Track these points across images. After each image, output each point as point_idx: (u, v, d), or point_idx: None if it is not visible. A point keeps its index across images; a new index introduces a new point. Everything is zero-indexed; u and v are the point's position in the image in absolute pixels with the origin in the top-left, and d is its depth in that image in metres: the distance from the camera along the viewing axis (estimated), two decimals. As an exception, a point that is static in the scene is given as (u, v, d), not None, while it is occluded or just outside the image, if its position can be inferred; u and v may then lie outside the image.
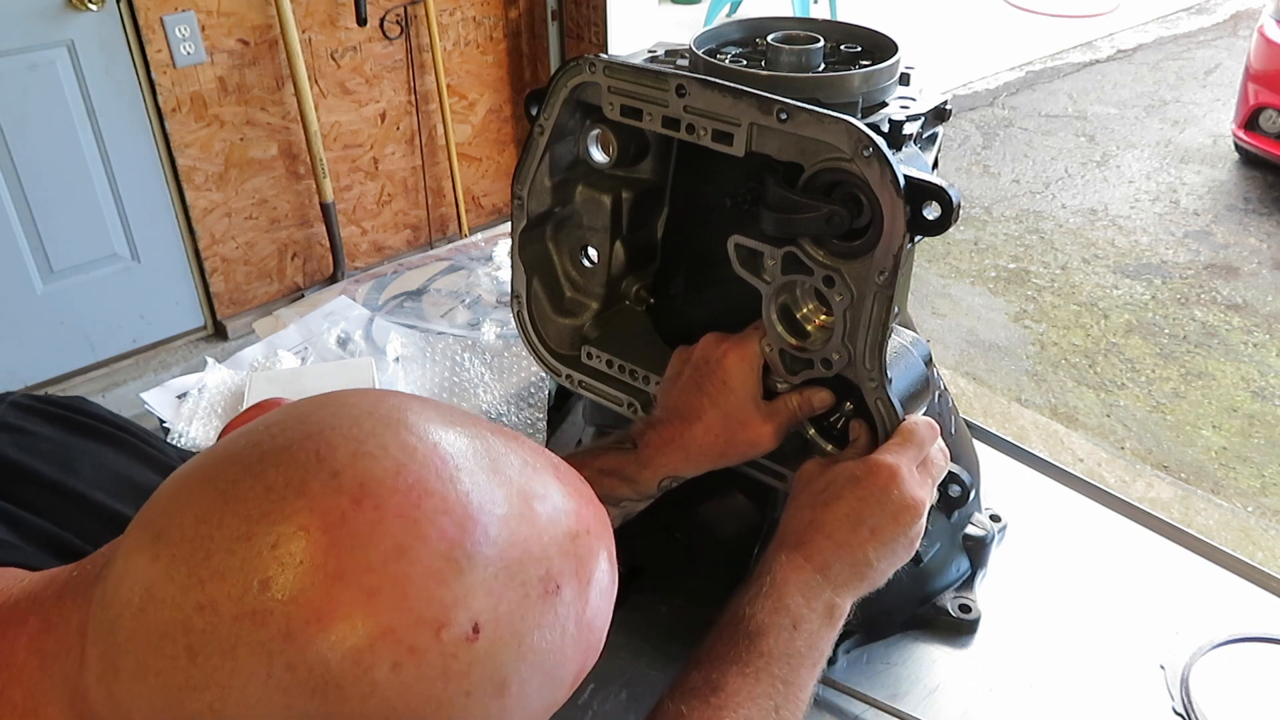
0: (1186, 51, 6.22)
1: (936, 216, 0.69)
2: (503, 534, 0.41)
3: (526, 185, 0.91)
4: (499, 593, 0.40)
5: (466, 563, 0.39)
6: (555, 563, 0.42)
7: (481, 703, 0.39)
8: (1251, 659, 0.94)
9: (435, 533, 0.39)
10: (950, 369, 3.23)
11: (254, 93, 2.83)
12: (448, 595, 0.38)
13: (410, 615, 0.37)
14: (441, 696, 0.38)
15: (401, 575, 0.38)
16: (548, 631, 0.42)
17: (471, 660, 0.39)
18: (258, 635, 0.37)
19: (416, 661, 0.37)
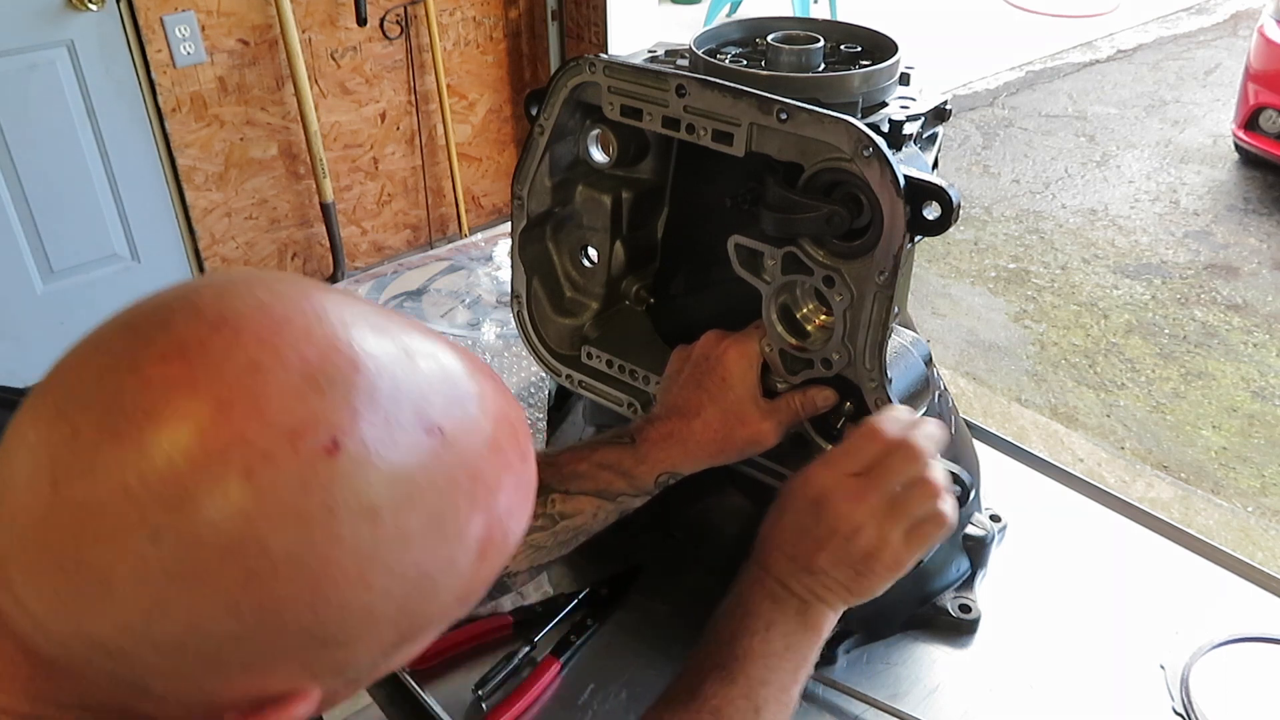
0: (1186, 51, 6.22)
1: (936, 216, 0.69)
2: (372, 369, 0.41)
3: (526, 185, 0.91)
4: (364, 416, 0.39)
5: (327, 385, 0.39)
6: (436, 408, 0.42)
7: (350, 524, 0.39)
8: (1251, 659, 0.94)
9: (295, 356, 0.39)
10: (950, 369, 3.23)
11: (254, 93, 2.83)
12: (304, 410, 0.38)
13: (263, 424, 0.38)
14: (301, 508, 0.38)
15: (256, 389, 0.38)
16: (430, 473, 0.41)
17: (332, 476, 0.38)
18: (113, 451, 0.37)
19: (270, 470, 0.37)
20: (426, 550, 0.42)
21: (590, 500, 0.81)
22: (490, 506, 0.45)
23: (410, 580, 0.42)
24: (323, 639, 0.41)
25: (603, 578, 1.00)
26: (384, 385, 0.41)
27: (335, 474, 0.39)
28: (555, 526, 0.80)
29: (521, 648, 0.92)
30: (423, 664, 0.92)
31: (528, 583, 0.84)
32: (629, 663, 0.92)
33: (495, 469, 0.45)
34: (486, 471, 0.44)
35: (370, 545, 0.40)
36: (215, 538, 0.37)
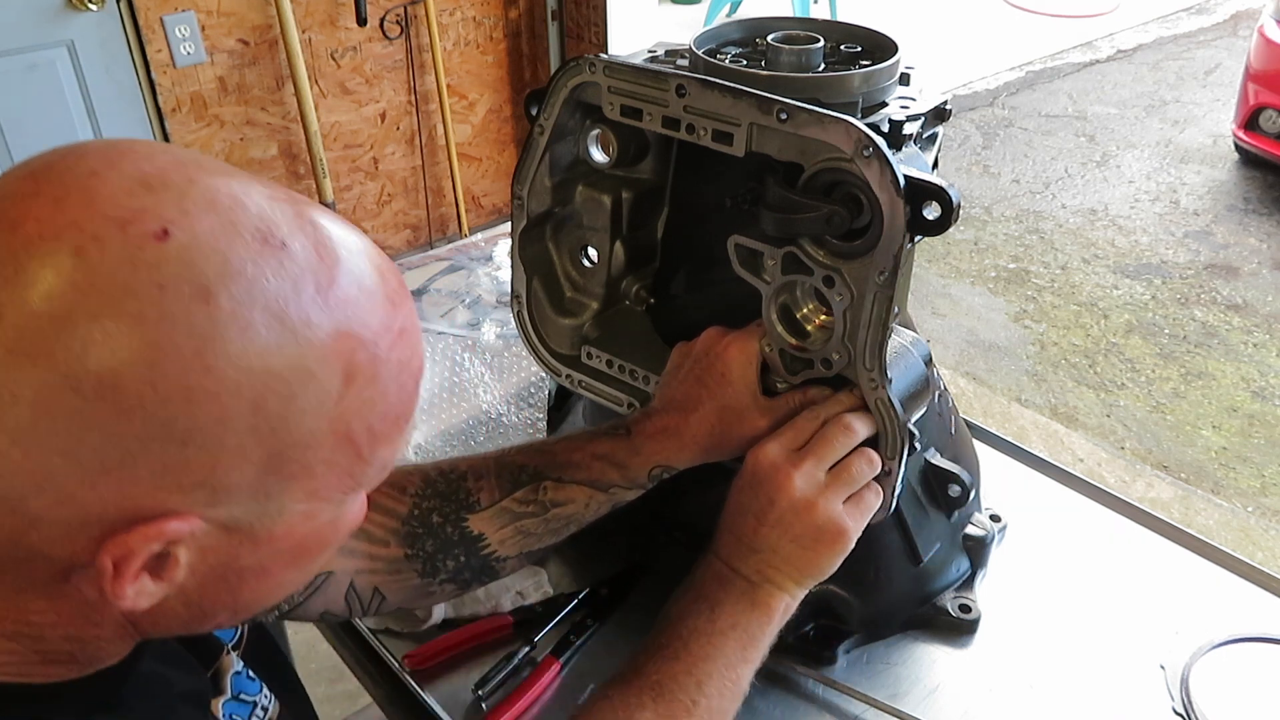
0: (1186, 51, 6.22)
1: (936, 216, 0.69)
2: (212, 184, 0.44)
3: (526, 185, 0.91)
4: (197, 214, 0.42)
5: (161, 187, 0.42)
6: (280, 224, 0.44)
7: (181, 303, 0.41)
8: (1251, 659, 0.94)
9: (133, 169, 0.43)
10: (950, 369, 3.23)
11: (254, 93, 2.83)
12: (136, 204, 0.42)
13: (94, 213, 0.41)
14: (130, 284, 0.40)
15: (90, 188, 0.42)
16: (269, 272, 0.43)
17: (161, 257, 0.41)
18: None
19: (99, 248, 0.40)
20: (270, 345, 0.43)
21: (583, 490, 0.81)
22: (347, 322, 0.45)
23: (257, 376, 0.43)
24: (175, 432, 0.42)
25: (603, 578, 1.00)
26: (223, 199, 0.44)
27: (164, 255, 0.41)
28: (546, 514, 0.81)
29: (521, 648, 0.92)
30: (423, 664, 0.92)
31: (518, 569, 0.84)
32: (629, 663, 0.92)
33: (353, 289, 0.46)
34: (342, 287, 0.45)
35: (205, 325, 0.41)
36: (48, 308, 0.39)
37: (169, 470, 0.42)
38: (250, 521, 0.46)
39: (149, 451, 0.42)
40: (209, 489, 0.44)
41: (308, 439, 0.45)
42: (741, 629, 0.73)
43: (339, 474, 0.48)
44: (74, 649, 0.50)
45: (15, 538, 0.43)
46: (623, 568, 1.01)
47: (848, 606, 0.94)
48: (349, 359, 0.45)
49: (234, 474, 0.44)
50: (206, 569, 0.47)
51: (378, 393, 0.47)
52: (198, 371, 0.41)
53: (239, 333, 0.42)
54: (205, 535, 0.45)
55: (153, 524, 0.43)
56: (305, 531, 0.49)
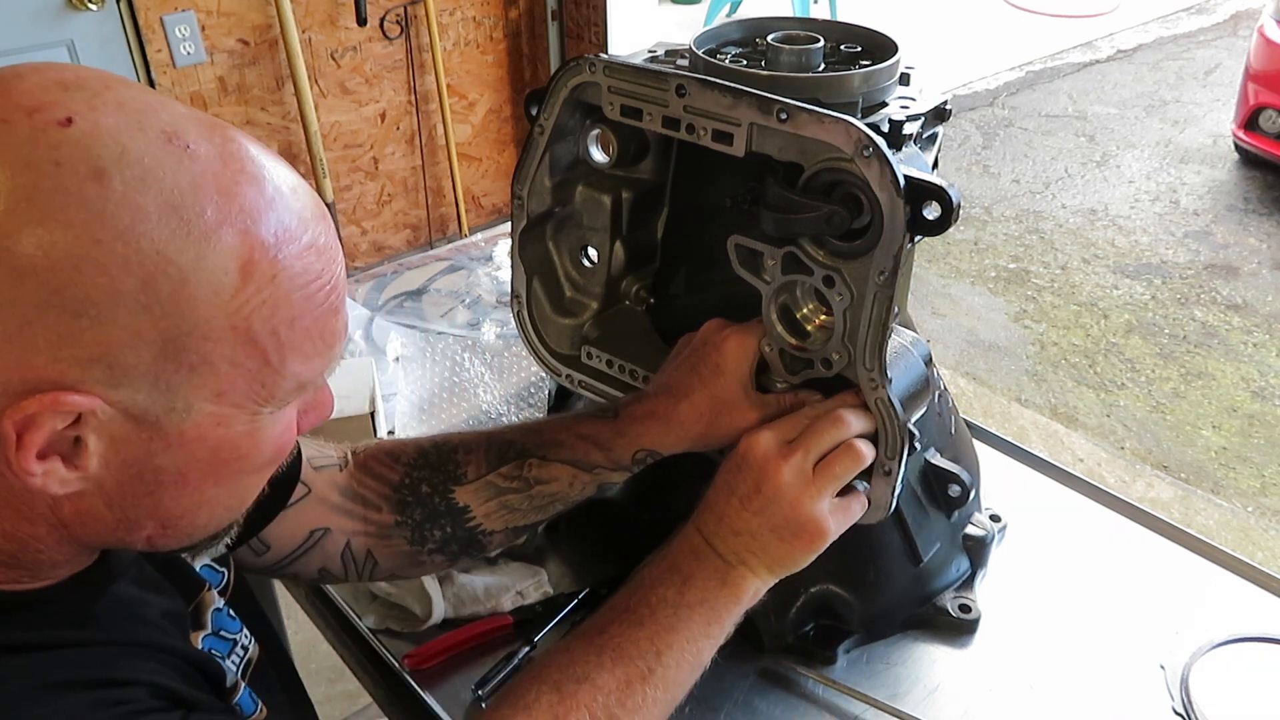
0: (1186, 51, 6.22)
1: (936, 216, 0.69)
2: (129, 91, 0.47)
3: (526, 185, 0.91)
4: (104, 111, 0.46)
5: (76, 87, 0.46)
6: (190, 131, 0.48)
7: (75, 179, 0.44)
8: (1251, 659, 0.94)
9: (54, 74, 0.46)
10: (950, 369, 3.23)
11: (254, 93, 2.83)
12: (47, 96, 0.45)
13: (7, 103, 0.45)
14: (29, 158, 0.44)
15: (11, 86, 0.45)
16: (170, 172, 0.46)
17: (62, 139, 0.44)
18: None
19: (6, 130, 0.44)
20: (163, 232, 0.45)
21: (567, 469, 0.82)
22: (244, 222, 0.48)
23: (147, 256, 0.45)
24: (65, 301, 0.44)
25: (603, 578, 1.00)
26: (135, 104, 0.47)
27: (64, 138, 0.44)
28: (530, 490, 0.82)
29: (521, 648, 0.92)
30: (423, 664, 0.92)
31: (505, 544, 0.85)
32: (629, 663, 0.92)
33: (256, 197, 0.49)
34: (245, 193, 0.48)
35: (97, 202, 0.44)
36: None
37: (64, 341, 0.44)
38: (156, 414, 0.48)
39: (44, 319, 0.44)
40: (106, 365, 0.46)
41: (204, 329, 0.47)
42: (709, 606, 0.74)
43: (247, 378, 0.50)
44: (15, 549, 0.52)
45: None
46: (623, 568, 1.01)
47: (848, 606, 0.94)
48: (246, 257, 0.48)
49: (129, 353, 0.46)
50: (120, 462, 0.49)
51: (280, 295, 0.49)
52: (87, 243, 0.44)
53: (130, 214, 0.45)
54: (112, 422, 0.47)
55: (53, 393, 0.45)
56: (218, 438, 0.51)
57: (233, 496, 0.57)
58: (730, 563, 0.75)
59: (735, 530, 0.75)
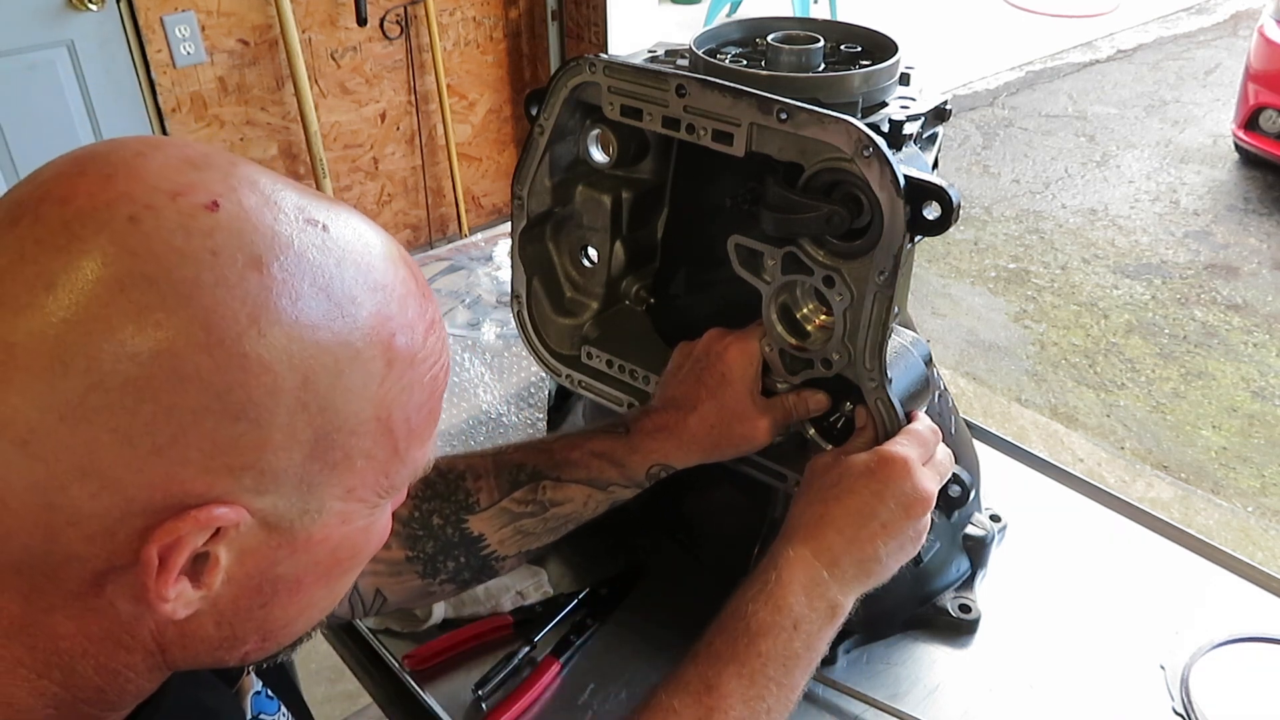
0: (1186, 51, 6.22)
1: (936, 216, 0.69)
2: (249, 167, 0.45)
3: (526, 185, 0.91)
4: (242, 190, 0.43)
5: (206, 166, 0.43)
6: (318, 208, 0.45)
7: (235, 270, 0.41)
8: (1251, 659, 0.94)
9: (175, 151, 0.44)
10: (950, 369, 3.23)
11: (254, 93, 2.83)
12: (183, 178, 0.42)
13: (145, 186, 0.41)
14: (185, 248, 0.40)
15: (138, 166, 0.42)
16: (317, 254, 0.43)
17: (213, 225, 0.41)
18: (12, 233, 0.40)
19: (153, 216, 0.40)
20: (319, 318, 0.43)
21: (581, 489, 0.81)
22: (387, 305, 0.45)
23: (308, 348, 0.42)
24: (228, 405, 0.40)
25: (603, 578, 1.00)
26: (263, 181, 0.44)
27: (216, 224, 0.41)
28: (545, 513, 0.80)
29: (521, 648, 0.92)
30: (423, 664, 0.92)
31: (517, 566, 0.84)
32: (629, 663, 0.92)
33: (390, 276, 0.46)
34: (379, 270, 0.46)
35: (259, 292, 0.41)
36: (103, 276, 0.39)
37: (220, 449, 0.41)
38: (292, 519, 0.45)
39: (201, 426, 0.40)
40: (257, 472, 0.42)
41: (353, 423, 0.45)
42: (814, 650, 0.71)
43: (376, 471, 0.47)
44: (104, 682, 0.47)
45: (50, 537, 0.41)
46: (623, 568, 1.01)
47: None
48: (389, 342, 0.45)
49: (282, 456, 0.43)
50: (243, 575, 0.45)
51: (415, 380, 0.47)
52: (252, 338, 0.41)
53: (290, 302, 0.42)
54: (247, 533, 0.44)
55: (203, 509, 0.41)
56: (340, 537, 0.48)
57: (333, 596, 0.53)
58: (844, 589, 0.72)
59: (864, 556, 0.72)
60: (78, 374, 0.38)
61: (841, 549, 0.72)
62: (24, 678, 0.45)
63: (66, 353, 0.38)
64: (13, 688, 0.45)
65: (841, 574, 0.72)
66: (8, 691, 0.44)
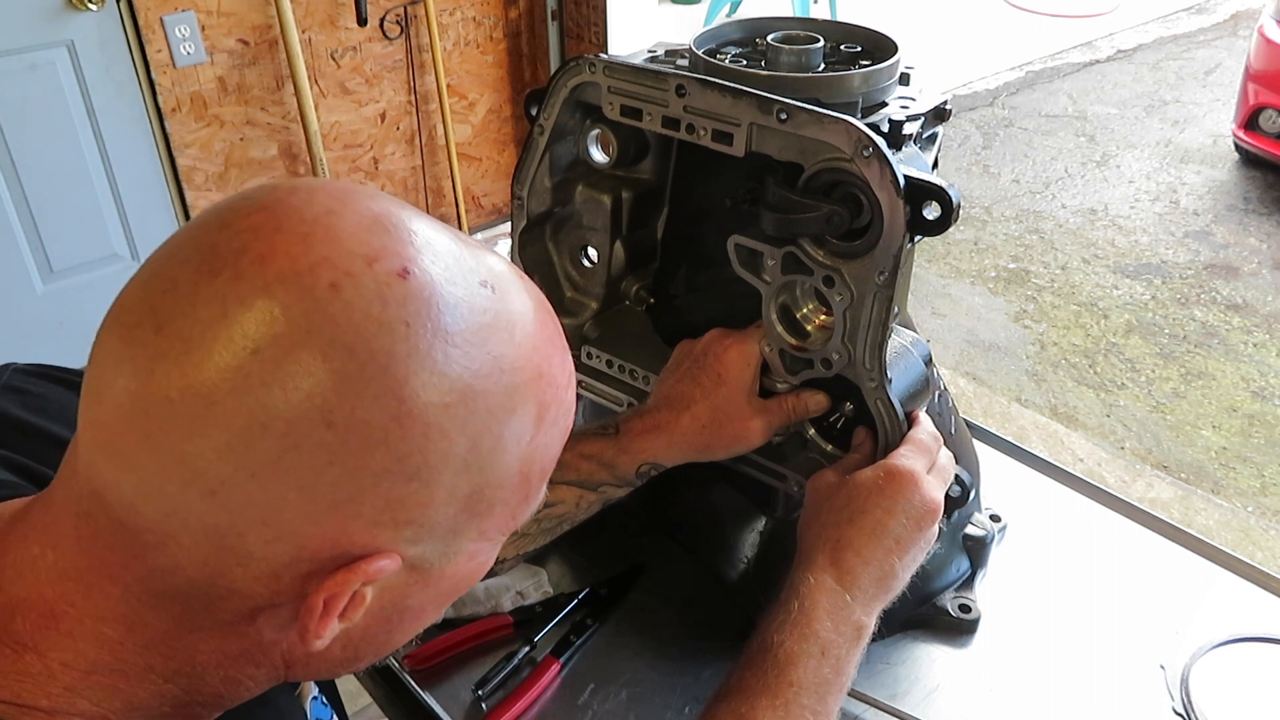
0: (1186, 51, 6.22)
1: (936, 216, 0.69)
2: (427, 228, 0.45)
3: (526, 185, 0.91)
4: (428, 255, 0.43)
5: (393, 225, 0.44)
6: (490, 271, 0.46)
7: (425, 337, 0.42)
8: (1251, 659, 0.94)
9: (363, 206, 0.44)
10: (950, 369, 3.23)
11: (254, 93, 2.83)
12: (376, 241, 0.43)
13: (342, 250, 0.42)
14: (382, 318, 0.41)
15: (333, 226, 0.42)
16: (488, 316, 0.44)
17: (406, 294, 0.42)
18: (213, 287, 0.40)
19: (353, 284, 0.41)
20: (490, 383, 0.44)
21: (572, 490, 0.81)
22: (542, 370, 0.47)
23: (479, 414, 0.44)
24: (406, 466, 0.42)
25: (603, 578, 1.00)
26: (438, 243, 0.45)
27: (409, 293, 0.42)
28: (539, 514, 0.81)
29: (521, 648, 0.92)
30: (423, 664, 0.92)
31: (514, 567, 0.84)
32: (629, 663, 0.92)
33: (543, 333, 0.48)
34: (536, 334, 0.47)
35: (445, 363, 0.42)
36: (307, 343, 0.40)
37: (391, 506, 0.43)
38: (433, 561, 0.47)
39: (379, 487, 0.42)
40: (417, 526, 0.44)
41: (503, 477, 0.46)
42: (844, 674, 0.70)
43: (509, 514, 0.49)
44: (225, 690, 0.49)
45: (217, 574, 0.43)
46: (623, 568, 1.01)
47: (848, 606, 0.94)
48: (541, 398, 0.47)
49: (441, 511, 0.45)
50: (379, 608, 0.47)
51: (557, 433, 0.49)
52: (438, 408, 0.42)
53: (471, 373, 0.43)
54: (393, 574, 0.46)
55: (370, 561, 0.43)
56: (465, 571, 0.50)
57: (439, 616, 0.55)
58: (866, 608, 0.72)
59: (882, 573, 0.73)
60: (276, 436, 0.40)
61: (861, 570, 0.72)
62: (153, 682, 0.47)
63: (266, 415, 0.40)
64: (139, 689, 0.47)
65: (863, 594, 0.72)
66: (132, 691, 0.47)
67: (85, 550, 0.44)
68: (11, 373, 0.67)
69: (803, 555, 0.75)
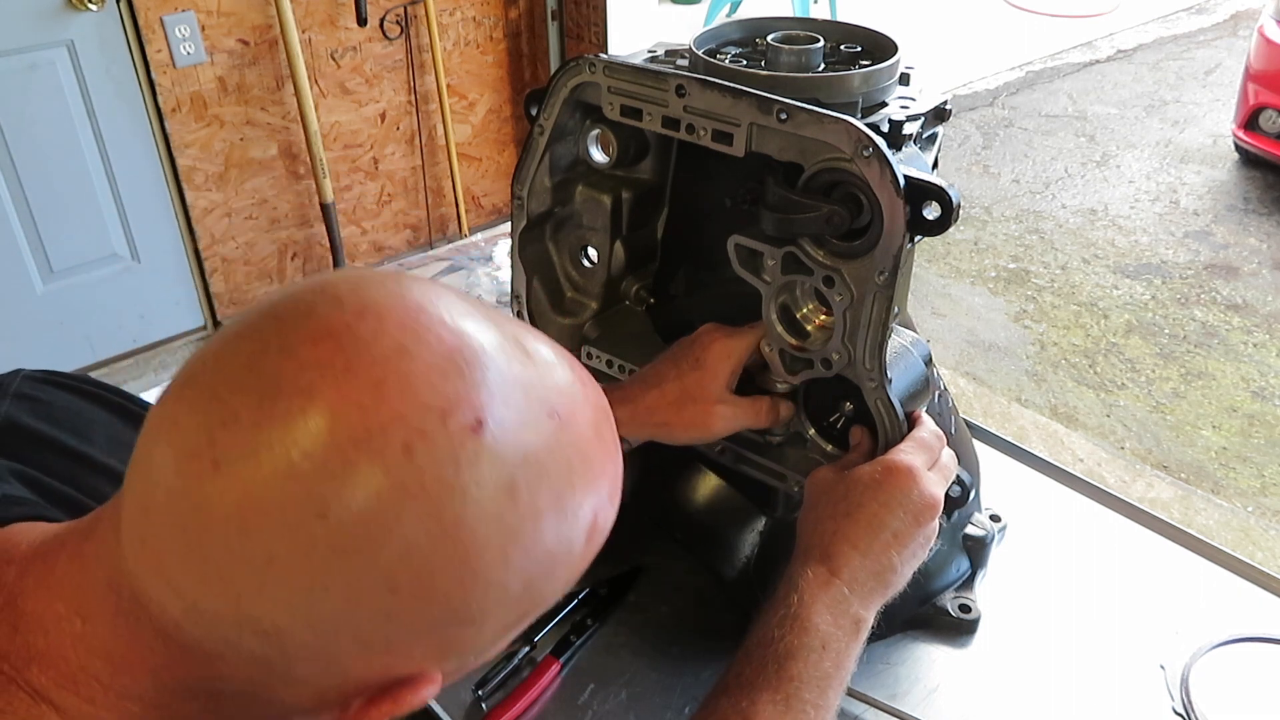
0: (1186, 51, 6.22)
1: (936, 216, 0.69)
2: (499, 355, 0.43)
3: (526, 185, 0.91)
4: (499, 397, 0.41)
5: (465, 366, 0.41)
6: (552, 395, 0.44)
7: (494, 498, 0.41)
8: (1251, 659, 0.94)
9: (434, 339, 0.41)
10: (950, 369, 3.23)
11: (254, 93, 2.83)
12: (450, 389, 0.40)
13: (417, 403, 0.39)
14: (454, 482, 0.40)
15: (405, 370, 0.40)
16: (553, 453, 0.43)
17: (478, 451, 0.40)
18: (277, 433, 0.38)
19: (427, 445, 0.39)
20: (551, 528, 0.43)
21: None
22: (596, 489, 0.46)
23: (538, 559, 0.43)
24: (463, 616, 0.42)
25: (603, 578, 1.00)
26: (512, 373, 0.43)
27: (481, 450, 0.40)
28: None
29: (521, 648, 0.92)
30: (423, 664, 0.92)
31: None
32: (629, 663, 0.92)
33: (599, 454, 0.47)
34: (592, 455, 0.46)
35: (512, 520, 0.41)
36: (380, 510, 0.38)
37: (443, 646, 0.44)
38: (475, 659, 0.47)
39: (436, 634, 0.43)
40: (462, 655, 0.45)
41: (550, 597, 0.47)
42: (844, 668, 0.70)
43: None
44: None
45: (261, 689, 0.43)
46: (623, 568, 1.01)
47: (848, 606, 0.94)
48: (591, 526, 0.46)
49: (489, 638, 0.46)
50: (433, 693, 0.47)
51: (602, 542, 0.48)
52: (499, 566, 0.42)
53: (532, 525, 0.42)
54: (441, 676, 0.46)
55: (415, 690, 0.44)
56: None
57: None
58: (865, 602, 0.72)
59: (880, 568, 0.73)
60: (338, 597, 0.39)
61: (859, 564, 0.72)
62: None
63: (329, 577, 0.39)
64: None
65: (861, 588, 0.72)
66: None
67: (120, 638, 0.44)
68: (21, 379, 0.67)
69: (800, 550, 0.75)
